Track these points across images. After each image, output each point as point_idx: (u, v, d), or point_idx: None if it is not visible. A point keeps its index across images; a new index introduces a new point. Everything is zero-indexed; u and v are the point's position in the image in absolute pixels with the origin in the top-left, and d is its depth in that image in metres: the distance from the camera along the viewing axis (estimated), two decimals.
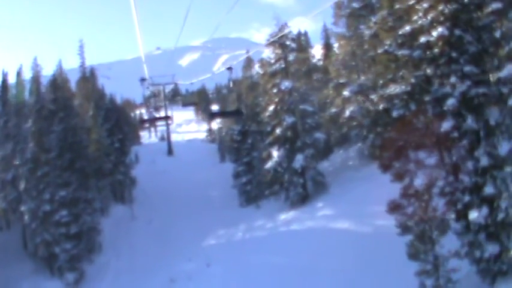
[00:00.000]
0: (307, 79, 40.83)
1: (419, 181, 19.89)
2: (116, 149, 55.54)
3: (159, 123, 29.26)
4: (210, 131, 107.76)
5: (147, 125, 35.58)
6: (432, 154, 20.32)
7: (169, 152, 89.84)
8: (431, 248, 18.20)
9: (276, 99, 38.87)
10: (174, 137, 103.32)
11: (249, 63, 53.38)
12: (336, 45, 47.26)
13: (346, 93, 40.36)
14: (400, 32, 20.64)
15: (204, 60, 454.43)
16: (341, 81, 41.06)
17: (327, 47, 57.49)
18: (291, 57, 39.45)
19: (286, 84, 38.21)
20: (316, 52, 57.63)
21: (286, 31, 37.51)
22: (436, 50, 19.36)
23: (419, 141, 20.26)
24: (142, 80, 26.58)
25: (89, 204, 42.07)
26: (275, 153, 38.67)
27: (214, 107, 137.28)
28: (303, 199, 38.61)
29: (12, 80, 52.86)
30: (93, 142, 50.82)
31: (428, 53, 19.64)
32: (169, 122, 26.95)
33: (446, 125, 19.09)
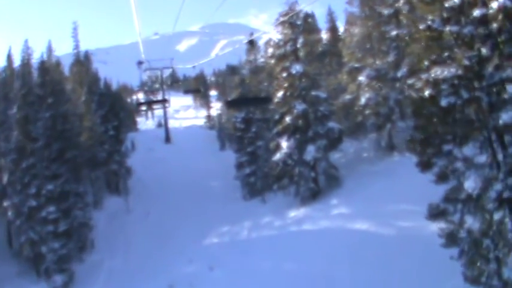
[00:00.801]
0: (319, 63, 37.08)
1: (470, 183, 16.49)
2: (110, 136, 52.03)
3: (156, 107, 28.12)
4: (209, 117, 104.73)
5: (144, 108, 32.98)
6: (484, 151, 16.88)
7: (167, 139, 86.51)
8: (497, 270, 14.69)
9: (286, 85, 35.26)
10: (172, 124, 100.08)
11: (252, 48, 49.60)
12: (342, 27, 43.85)
13: (361, 78, 36.80)
14: (446, 5, 17.29)
15: (201, 45, 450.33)
16: (356, 65, 37.46)
17: (333, 30, 54.00)
18: (302, 38, 35.79)
19: (297, 68, 34.58)
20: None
21: (297, 10, 33.91)
22: (494, 26, 15.85)
23: (469, 135, 16.82)
24: (140, 63, 27.52)
25: (80, 198, 38.62)
26: (284, 144, 35.04)
27: (213, 93, 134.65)
28: (314, 194, 35.19)
29: (1, 63, 49.41)
30: (86, 130, 47.31)
31: (483, 29, 16.14)
32: (167, 105, 25.93)
33: (506, 117, 15.62)
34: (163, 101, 25.68)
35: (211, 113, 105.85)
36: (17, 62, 51.32)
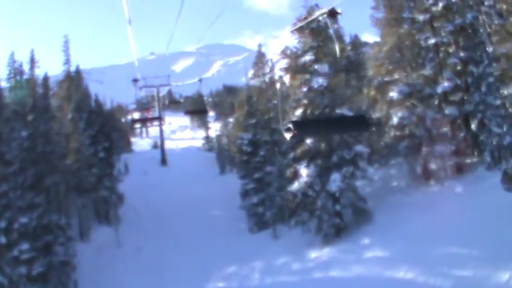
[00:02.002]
0: (344, 76, 31.72)
1: None
2: (100, 159, 46.52)
3: (151, 126, 28.57)
4: (207, 138, 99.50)
5: (138, 125, 33.16)
6: None
7: (163, 161, 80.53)
8: None
9: (305, 101, 29.88)
10: (168, 145, 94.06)
11: (260, 60, 44.33)
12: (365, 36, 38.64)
13: (392, 94, 31.43)
14: None
15: (198, 66, 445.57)
16: (385, 79, 32.11)
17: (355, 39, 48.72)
18: (325, 47, 30.51)
19: (319, 81, 29.26)
20: None
21: (317, 14, 28.67)
22: None
23: None
24: (135, 80, 25.79)
25: (62, 231, 32.80)
26: (304, 172, 29.43)
27: (211, 113, 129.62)
28: (338, 231, 29.54)
29: None
30: (72, 151, 41.67)
31: None
32: (162, 123, 25.92)
33: None
34: (158, 119, 25.36)
35: (210, 134, 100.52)
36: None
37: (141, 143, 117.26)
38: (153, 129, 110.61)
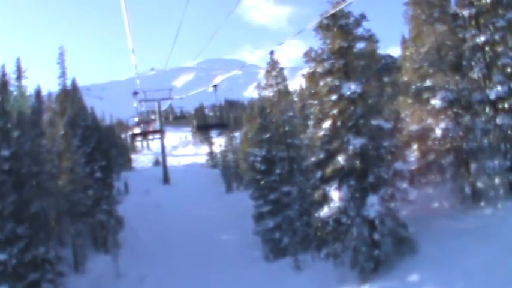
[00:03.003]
0: (377, 82, 27.14)
1: None
2: (96, 179, 41.82)
3: (152, 139, 28.32)
4: (211, 154, 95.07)
5: (139, 139, 31.03)
6: None
7: (166, 179, 76.23)
8: None
9: (335, 111, 25.29)
10: (170, 161, 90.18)
11: (273, 67, 39.79)
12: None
13: (434, 102, 26.81)
14: None
15: (198, 81, 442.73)
16: (425, 85, 27.50)
17: None
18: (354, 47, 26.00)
19: (351, 87, 24.70)
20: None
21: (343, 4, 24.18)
22: None
23: None
24: (135, 93, 25.76)
25: (51, 266, 28.05)
26: (335, 195, 24.72)
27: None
28: (377, 265, 24.75)
29: None
30: (65, 171, 37.06)
31: None
32: (163, 136, 26.13)
33: None
34: (159, 132, 25.42)
35: (214, 149, 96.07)
36: None
37: (142, 159, 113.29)
38: (155, 145, 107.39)
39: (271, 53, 40.12)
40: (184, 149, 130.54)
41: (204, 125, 29.85)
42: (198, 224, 49.07)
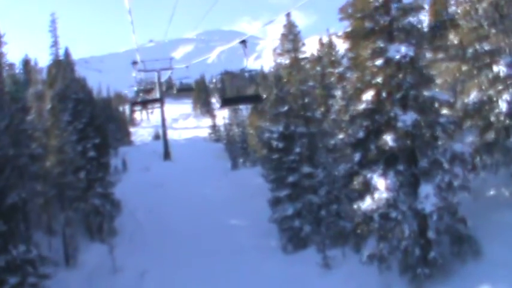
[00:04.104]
0: (429, 44, 22.16)
1: None
2: (89, 159, 37.07)
3: (152, 109, 29.29)
4: (214, 127, 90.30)
5: (138, 108, 32.32)
6: None
7: (166, 155, 71.73)
8: None
9: (379, 79, 20.41)
10: (170, 135, 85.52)
11: (289, 30, 34.63)
12: None
13: (497, 69, 21.88)
14: None
15: (198, 52, 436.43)
16: (485, 48, 22.52)
17: None
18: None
19: (401, 49, 19.77)
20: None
21: None
22: None
23: None
24: (134, 63, 26.19)
25: (33, 268, 23.43)
26: (381, 184, 19.93)
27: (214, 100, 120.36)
28: (432, 269, 20.01)
29: None
30: (52, 151, 32.28)
31: None
32: (161, 105, 26.67)
33: None
34: (159, 100, 25.95)
35: (217, 122, 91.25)
36: None
37: (142, 132, 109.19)
38: (154, 118, 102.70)
39: (288, 15, 35.11)
40: (185, 122, 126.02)
41: (234, 97, 25.03)
42: (203, 206, 44.50)
